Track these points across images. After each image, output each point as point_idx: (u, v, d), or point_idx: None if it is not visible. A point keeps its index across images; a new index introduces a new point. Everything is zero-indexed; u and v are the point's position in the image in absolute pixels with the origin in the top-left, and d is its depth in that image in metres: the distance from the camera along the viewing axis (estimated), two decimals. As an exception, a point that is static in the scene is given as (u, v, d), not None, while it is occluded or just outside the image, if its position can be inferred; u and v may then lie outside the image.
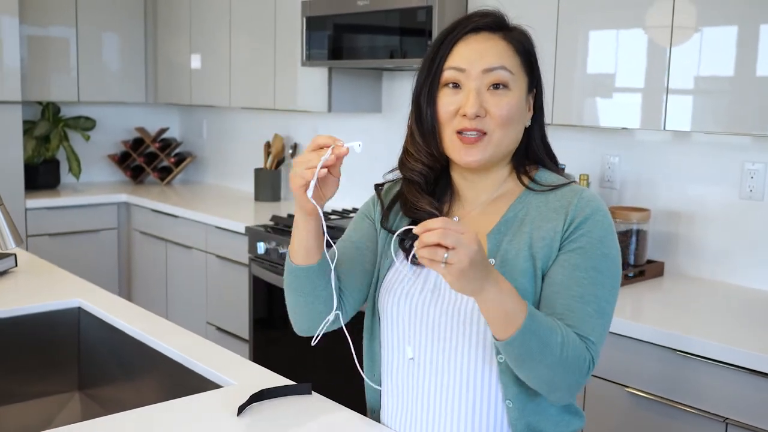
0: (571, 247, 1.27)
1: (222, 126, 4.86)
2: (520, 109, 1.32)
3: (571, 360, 1.20)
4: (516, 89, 1.31)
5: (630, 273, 2.50)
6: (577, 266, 1.25)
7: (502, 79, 1.29)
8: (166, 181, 4.91)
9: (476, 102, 1.28)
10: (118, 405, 1.93)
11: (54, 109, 4.62)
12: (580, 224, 1.28)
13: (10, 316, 2.08)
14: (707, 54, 2.20)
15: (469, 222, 1.37)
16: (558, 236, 1.28)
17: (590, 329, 1.24)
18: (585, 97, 2.49)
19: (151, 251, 4.31)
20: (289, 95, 3.74)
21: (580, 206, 1.29)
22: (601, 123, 2.45)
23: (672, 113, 2.27)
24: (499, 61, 1.29)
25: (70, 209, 4.33)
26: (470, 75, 1.29)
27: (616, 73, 2.41)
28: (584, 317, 1.24)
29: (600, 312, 1.26)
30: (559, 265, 1.27)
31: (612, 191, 2.79)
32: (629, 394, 2.07)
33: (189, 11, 4.41)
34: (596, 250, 1.27)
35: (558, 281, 1.26)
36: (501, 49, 1.31)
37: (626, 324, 2.06)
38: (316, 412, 1.44)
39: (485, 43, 1.31)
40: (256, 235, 3.33)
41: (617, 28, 2.39)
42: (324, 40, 3.28)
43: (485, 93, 1.29)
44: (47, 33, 4.43)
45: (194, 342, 1.84)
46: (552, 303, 1.26)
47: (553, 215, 1.30)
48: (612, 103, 2.44)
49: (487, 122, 1.29)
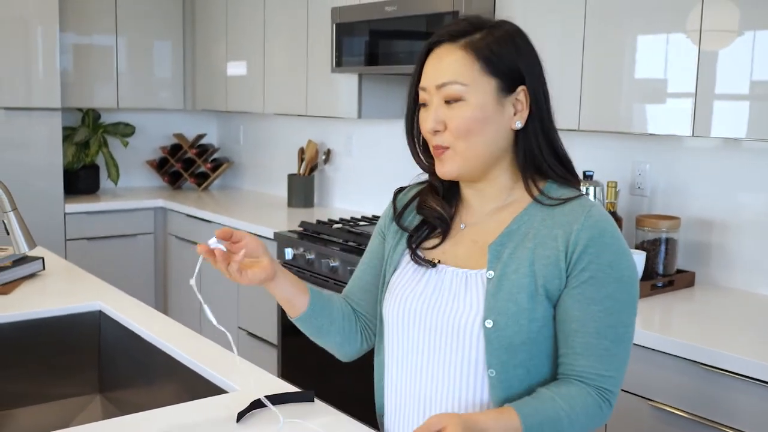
0: (582, 278, 1.25)
1: (258, 132, 4.89)
2: (480, 118, 1.28)
3: (585, 421, 1.25)
4: (475, 98, 1.27)
5: (659, 283, 2.44)
6: (591, 300, 1.25)
7: (452, 93, 1.28)
8: (203, 187, 4.96)
9: (432, 119, 1.30)
10: (136, 408, 1.94)
11: (94, 116, 4.71)
12: (585, 248, 1.25)
13: (34, 318, 2.11)
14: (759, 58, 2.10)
15: (473, 230, 1.36)
16: (562, 256, 1.25)
17: (608, 365, 1.26)
18: (632, 103, 2.40)
19: (186, 256, 4.36)
20: (321, 101, 3.75)
21: (586, 227, 1.26)
22: (649, 129, 2.36)
23: (718, 120, 2.18)
24: (449, 76, 1.28)
25: (108, 214, 4.40)
26: (431, 91, 1.30)
27: (663, 78, 2.32)
28: (601, 353, 1.25)
29: (617, 340, 1.26)
30: (574, 300, 1.25)
31: (642, 199, 2.72)
32: (652, 407, 2.01)
33: (225, 19, 4.46)
34: (608, 276, 1.25)
35: (575, 317, 1.26)
36: (454, 61, 1.28)
37: (652, 336, 2.00)
38: (315, 420, 1.42)
39: (441, 58, 1.30)
40: (284, 240, 3.34)
41: (666, 32, 2.29)
42: (353, 46, 3.28)
43: (443, 108, 1.30)
44: (91, 41, 4.52)
45: (206, 347, 1.84)
46: (572, 342, 1.26)
47: (557, 232, 1.27)
48: (661, 109, 2.34)
49: (446, 136, 1.30)
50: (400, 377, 1.36)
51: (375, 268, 1.48)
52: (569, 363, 1.26)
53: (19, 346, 2.09)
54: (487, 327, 1.25)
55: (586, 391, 1.25)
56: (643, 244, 2.51)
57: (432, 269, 1.35)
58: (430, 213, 1.39)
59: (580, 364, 1.25)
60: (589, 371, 1.25)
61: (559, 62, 2.58)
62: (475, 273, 1.30)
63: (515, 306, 1.24)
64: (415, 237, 1.40)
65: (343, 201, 4.18)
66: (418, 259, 1.37)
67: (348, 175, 4.14)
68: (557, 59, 2.58)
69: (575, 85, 2.52)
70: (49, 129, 4.15)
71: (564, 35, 2.55)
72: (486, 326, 1.25)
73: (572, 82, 2.53)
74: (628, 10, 2.38)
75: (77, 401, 2.16)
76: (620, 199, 2.73)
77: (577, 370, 1.26)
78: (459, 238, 1.37)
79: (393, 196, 1.50)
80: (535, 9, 2.65)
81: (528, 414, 1.20)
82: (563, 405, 1.22)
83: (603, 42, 2.45)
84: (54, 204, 4.19)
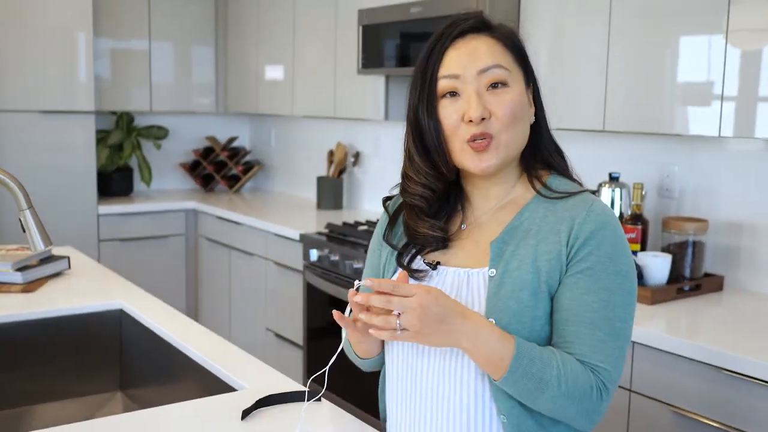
0: (579, 267, 1.22)
1: (289, 134, 4.92)
2: (523, 106, 1.27)
3: (574, 391, 1.18)
4: (515, 85, 1.26)
5: (685, 286, 2.39)
6: (587, 289, 1.21)
7: (499, 77, 1.25)
8: (234, 189, 5.00)
9: (479, 105, 1.23)
10: (155, 406, 1.96)
11: (128, 119, 4.77)
12: (586, 240, 1.22)
13: (57, 316, 2.14)
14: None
15: (475, 229, 1.34)
16: (564, 250, 1.23)
17: (603, 356, 1.21)
18: (666, 103, 2.33)
19: (216, 257, 4.39)
20: (349, 103, 3.76)
21: (588, 220, 1.23)
22: (691, 131, 2.29)
23: (762, 121, 2.11)
24: (492, 60, 1.25)
25: (140, 215, 4.46)
26: (466, 79, 1.25)
27: (700, 79, 2.25)
28: (595, 344, 1.21)
29: (613, 335, 1.22)
30: (568, 289, 1.23)
31: (670, 201, 2.67)
32: (675, 414, 1.97)
33: (257, 23, 4.49)
34: (606, 268, 1.22)
35: (567, 307, 1.22)
36: (491, 47, 1.26)
37: (677, 342, 1.95)
38: (319, 419, 1.42)
39: (474, 44, 1.26)
40: (310, 242, 3.35)
41: (708, 34, 2.22)
42: (380, 47, 3.28)
43: (485, 94, 1.25)
44: (128, 46, 4.60)
45: (220, 345, 1.85)
46: (563, 330, 1.22)
47: (560, 227, 1.25)
48: (705, 111, 2.25)
49: (493, 124, 1.24)
50: (401, 381, 1.34)
51: None
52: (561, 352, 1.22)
53: (42, 344, 2.12)
54: None
55: (582, 367, 1.20)
56: (669, 247, 2.46)
57: (432, 271, 1.32)
58: (425, 240, 1.32)
59: (574, 353, 1.20)
60: (582, 360, 1.20)
61: (581, 62, 2.55)
62: (477, 272, 1.28)
63: (517, 304, 1.22)
64: (405, 253, 1.34)
65: (372, 203, 4.18)
66: (416, 274, 1.31)
67: (376, 176, 4.14)
68: (580, 59, 2.55)
69: (599, 86, 2.48)
70: (82, 132, 4.22)
71: (588, 35, 2.52)
72: None
73: (596, 83, 2.49)
74: (658, 9, 2.33)
75: (99, 398, 2.18)
76: (647, 201, 2.68)
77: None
78: (459, 239, 1.34)
79: (382, 205, 1.44)
80: (559, 9, 2.62)
81: (521, 348, 1.17)
82: (558, 360, 1.18)
83: (632, 42, 2.41)
84: (88, 205, 4.26)
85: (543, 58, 2.66)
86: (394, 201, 1.43)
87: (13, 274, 2.28)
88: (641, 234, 2.49)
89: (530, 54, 1.33)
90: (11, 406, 2.06)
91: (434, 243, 1.33)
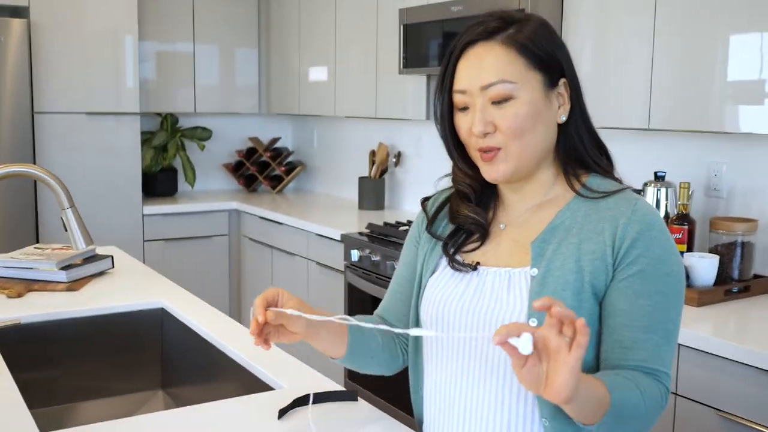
0: (630, 271, 1.20)
1: (331, 135, 4.93)
2: (533, 114, 1.23)
3: (652, 409, 1.18)
4: (524, 94, 1.23)
5: (734, 288, 2.32)
6: (640, 294, 1.20)
7: (501, 93, 1.22)
8: (277, 190, 5.02)
9: (480, 121, 1.23)
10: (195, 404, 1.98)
11: (172, 120, 4.83)
12: (633, 242, 1.20)
13: (100, 314, 2.17)
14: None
15: (514, 229, 1.32)
16: (609, 251, 1.21)
17: (660, 360, 1.20)
18: (718, 102, 2.27)
19: (259, 257, 4.42)
20: (390, 103, 3.75)
21: (633, 221, 1.21)
22: (741, 129, 2.23)
23: None
24: (495, 75, 1.22)
25: (184, 216, 4.51)
26: (473, 93, 1.24)
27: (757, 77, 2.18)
28: (652, 348, 1.19)
29: (667, 337, 1.21)
30: (622, 293, 1.20)
31: (718, 200, 2.60)
32: (722, 417, 1.91)
33: (299, 25, 4.51)
34: (657, 270, 1.20)
35: (622, 311, 1.20)
36: (498, 58, 1.22)
37: (725, 344, 1.90)
38: (355, 419, 1.41)
39: (481, 57, 1.23)
40: (351, 242, 3.34)
41: (759, 31, 2.16)
42: (421, 47, 3.26)
43: (490, 108, 1.23)
44: (173, 48, 4.66)
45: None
46: (619, 336, 1.20)
47: (603, 226, 1.22)
48: (756, 109, 2.20)
49: (498, 137, 1.24)
50: (440, 383, 1.32)
51: (409, 280, 1.44)
52: (618, 357, 1.20)
53: (85, 342, 2.15)
54: (532, 326, 1.20)
55: (650, 380, 1.19)
56: (717, 248, 2.40)
57: (472, 272, 1.30)
58: (464, 220, 1.34)
59: (633, 358, 1.19)
60: (643, 365, 1.19)
61: (626, 59, 2.50)
62: (519, 271, 1.26)
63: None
64: (451, 243, 1.35)
65: (413, 203, 4.16)
66: (457, 265, 1.32)
67: (417, 176, 4.12)
68: (623, 57, 2.50)
69: (644, 83, 2.43)
70: (127, 133, 4.29)
71: (632, 32, 2.47)
72: (530, 325, 1.20)
73: (641, 80, 2.44)
74: (706, 5, 2.28)
75: (140, 396, 2.21)
76: (694, 201, 2.61)
77: (631, 364, 1.19)
78: (499, 239, 1.32)
79: (421, 205, 1.45)
80: (603, 5, 2.58)
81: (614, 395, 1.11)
82: (636, 385, 1.16)
83: (678, 39, 2.35)
84: (133, 206, 4.33)
85: (586, 55, 2.62)
86: (435, 197, 1.44)
87: (57, 273, 2.32)
88: (687, 234, 2.44)
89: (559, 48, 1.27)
90: (55, 403, 2.09)
91: (473, 226, 1.33)
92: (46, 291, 2.27)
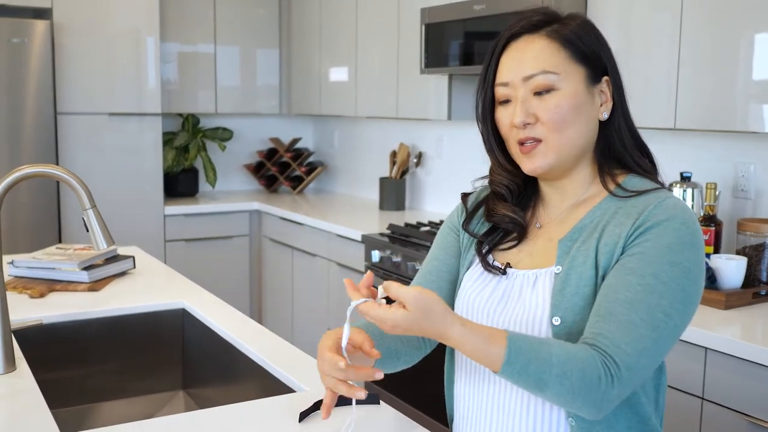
0: (631, 251, 1.17)
1: (352, 135, 4.92)
2: (575, 106, 1.22)
3: (580, 385, 1.09)
4: (567, 86, 1.22)
5: (762, 291, 2.28)
6: (632, 270, 1.15)
7: (543, 84, 1.22)
8: (298, 190, 5.02)
9: (521, 111, 1.22)
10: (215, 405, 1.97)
11: (193, 121, 4.84)
12: (647, 229, 1.17)
13: (121, 315, 2.17)
14: None
15: (550, 228, 1.31)
16: (621, 242, 1.18)
17: (629, 339, 1.11)
18: (749, 102, 2.22)
19: (279, 258, 4.41)
20: (411, 104, 3.73)
21: (656, 212, 1.18)
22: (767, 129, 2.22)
23: None
24: (537, 66, 1.22)
25: (205, 216, 4.52)
26: (515, 85, 1.24)
27: None
28: (626, 325, 1.11)
29: (651, 323, 1.12)
30: (615, 270, 1.17)
31: (746, 201, 2.56)
32: (750, 423, 1.88)
33: (320, 26, 4.51)
34: (662, 257, 1.15)
35: (609, 284, 1.16)
36: (540, 50, 1.22)
37: (753, 348, 1.86)
38: (377, 422, 1.39)
39: (523, 49, 1.24)
40: (372, 243, 3.33)
41: None
42: (442, 46, 3.24)
43: (532, 99, 1.23)
44: (195, 49, 4.68)
45: (280, 346, 1.84)
46: (597, 307, 1.16)
47: (625, 220, 1.20)
48: None
49: (539, 129, 1.23)
50: (469, 383, 1.32)
51: (449, 265, 1.40)
52: (590, 329, 1.14)
53: (106, 342, 2.15)
54: (555, 324, 1.19)
55: (590, 354, 1.11)
56: (744, 250, 2.35)
57: (502, 276, 1.30)
58: (501, 219, 1.33)
59: (598, 327, 1.13)
60: (604, 336, 1.12)
61: (650, 58, 2.46)
62: (545, 271, 1.25)
63: (582, 300, 1.18)
64: (486, 242, 1.34)
65: (434, 204, 4.14)
66: (488, 267, 1.31)
67: (439, 177, 4.10)
68: (649, 56, 2.47)
69: (670, 82, 2.39)
70: (149, 133, 4.30)
71: (657, 30, 2.43)
72: (554, 324, 1.19)
73: (666, 79, 2.40)
74: (732, 3, 2.24)
75: (161, 397, 2.20)
76: (721, 202, 2.57)
77: (592, 333, 1.13)
78: (534, 238, 1.32)
79: (461, 199, 1.45)
80: (627, 5, 2.54)
81: (518, 338, 1.10)
82: (559, 354, 1.10)
83: (704, 38, 2.31)
84: (155, 206, 4.34)
85: (610, 54, 2.58)
86: (477, 193, 1.43)
87: (79, 273, 2.32)
88: (714, 236, 2.40)
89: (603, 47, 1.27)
90: (77, 403, 2.09)
91: (511, 224, 1.32)
92: (67, 291, 2.28)
